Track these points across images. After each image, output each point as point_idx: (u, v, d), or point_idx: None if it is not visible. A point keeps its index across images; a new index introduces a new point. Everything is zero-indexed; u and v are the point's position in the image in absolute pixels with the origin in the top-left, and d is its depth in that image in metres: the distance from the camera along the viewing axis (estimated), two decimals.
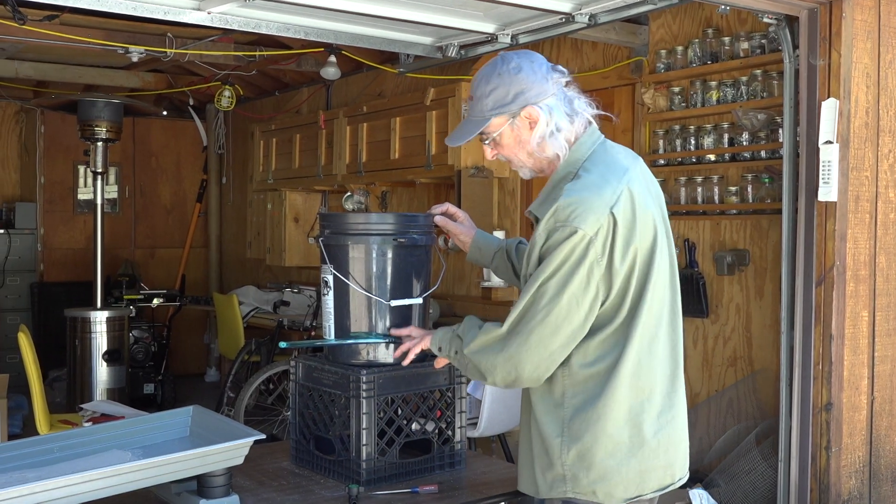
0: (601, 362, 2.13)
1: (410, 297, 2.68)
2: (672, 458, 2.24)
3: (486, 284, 6.05)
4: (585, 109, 2.24)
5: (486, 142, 2.27)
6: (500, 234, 5.90)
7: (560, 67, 2.24)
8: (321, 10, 4.19)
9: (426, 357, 2.81)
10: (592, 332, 2.13)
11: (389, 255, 2.66)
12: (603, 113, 2.28)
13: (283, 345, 2.64)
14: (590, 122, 2.25)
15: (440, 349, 2.38)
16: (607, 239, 2.08)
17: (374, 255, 2.65)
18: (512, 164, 2.31)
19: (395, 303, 2.64)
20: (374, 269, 2.65)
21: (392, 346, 2.68)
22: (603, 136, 2.28)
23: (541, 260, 2.11)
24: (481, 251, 2.66)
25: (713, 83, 4.79)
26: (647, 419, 2.16)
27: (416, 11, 4.28)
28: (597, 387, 2.13)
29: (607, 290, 2.11)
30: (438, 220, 2.66)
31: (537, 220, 2.17)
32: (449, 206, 2.70)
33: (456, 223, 2.67)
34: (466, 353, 2.25)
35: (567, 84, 2.24)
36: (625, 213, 2.11)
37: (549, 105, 2.19)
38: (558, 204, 2.07)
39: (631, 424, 2.15)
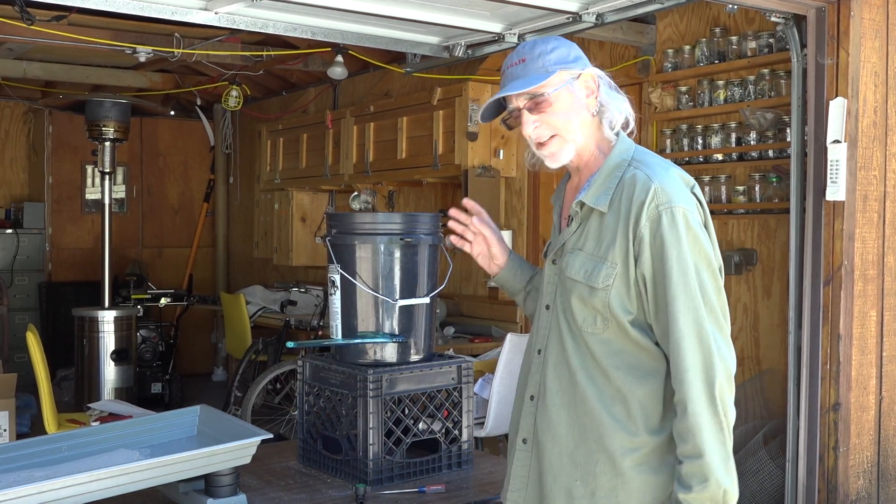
0: None
1: (417, 296, 2.68)
2: None
3: (492, 284, 6.05)
4: (626, 104, 2.09)
5: (545, 96, 2.01)
6: (506, 235, 5.90)
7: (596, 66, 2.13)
8: (328, 10, 4.20)
9: (432, 356, 2.81)
10: None
11: (396, 254, 2.66)
12: (636, 114, 2.14)
13: (290, 344, 2.65)
14: (626, 118, 2.09)
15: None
16: (701, 218, 1.99)
17: (381, 254, 2.65)
18: (557, 136, 2.04)
19: (401, 302, 2.65)
20: (381, 269, 2.65)
21: (398, 345, 2.68)
22: None
23: (653, 258, 1.92)
24: (517, 273, 2.32)
25: (720, 82, 4.78)
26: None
27: (422, 11, 4.29)
28: None
29: None
30: (476, 222, 2.27)
31: (582, 210, 2.03)
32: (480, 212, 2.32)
33: (492, 232, 2.30)
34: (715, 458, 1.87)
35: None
36: (700, 196, 2.04)
37: (602, 78, 2.05)
38: (655, 187, 1.92)
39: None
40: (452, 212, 2.30)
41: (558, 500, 2.02)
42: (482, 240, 2.28)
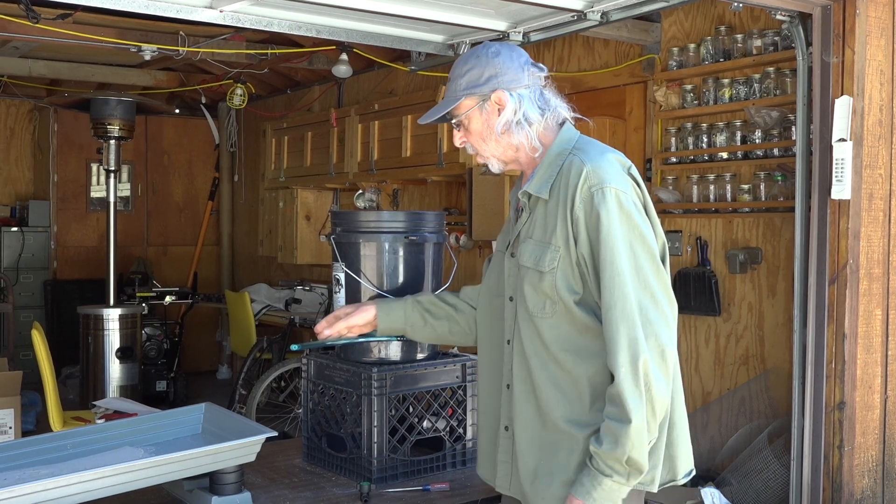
0: None
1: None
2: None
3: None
4: (561, 107, 2.18)
5: (455, 121, 2.20)
6: None
7: (541, 65, 2.19)
8: (333, 8, 4.19)
9: (437, 355, 2.81)
10: None
11: (401, 252, 2.66)
12: (579, 117, 2.22)
13: (294, 347, 2.63)
14: (565, 121, 2.18)
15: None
16: (637, 199, 2.05)
17: (386, 252, 2.65)
18: (480, 154, 2.22)
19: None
20: (386, 267, 2.65)
21: (403, 344, 2.68)
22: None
23: (590, 237, 2.00)
24: (390, 312, 2.43)
25: (726, 81, 4.77)
26: (682, 400, 2.16)
27: (427, 9, 4.28)
28: None
29: None
30: (332, 322, 2.44)
31: (529, 201, 2.13)
32: (331, 316, 2.48)
33: (347, 314, 2.46)
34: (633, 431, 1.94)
35: (545, 82, 2.19)
36: (638, 177, 2.10)
37: (520, 94, 2.13)
38: (586, 169, 2.02)
39: (677, 402, 2.13)
40: (323, 336, 2.48)
41: (526, 481, 2.12)
42: (345, 325, 2.44)
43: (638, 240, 2.00)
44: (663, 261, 2.08)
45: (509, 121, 2.13)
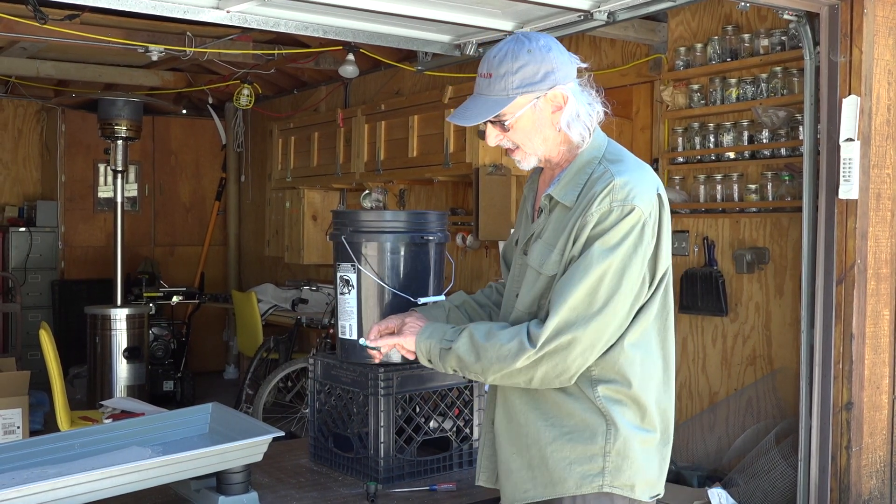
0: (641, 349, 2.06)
1: (426, 294, 2.68)
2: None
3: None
4: (597, 100, 2.13)
5: (506, 121, 2.07)
6: None
7: (579, 57, 2.14)
8: (339, 9, 4.20)
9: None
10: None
11: (402, 252, 2.65)
12: (609, 113, 2.16)
13: (362, 342, 2.56)
14: (600, 115, 2.14)
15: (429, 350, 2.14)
16: (655, 222, 2.03)
17: (388, 252, 2.65)
18: (520, 149, 2.12)
19: (422, 300, 2.63)
20: (388, 267, 2.65)
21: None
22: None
23: (588, 238, 1.98)
24: (435, 320, 2.39)
25: (733, 80, 4.76)
26: (671, 415, 2.13)
27: (434, 9, 4.28)
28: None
29: (651, 276, 2.04)
30: (384, 346, 2.32)
31: (550, 203, 2.09)
32: (384, 325, 2.36)
33: (397, 330, 2.35)
34: (483, 346, 2.03)
35: (587, 76, 2.13)
36: (664, 197, 2.07)
37: (572, 89, 2.07)
38: (614, 182, 1.97)
39: (661, 417, 2.09)
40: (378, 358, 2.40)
41: (503, 475, 2.17)
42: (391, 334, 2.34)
43: (636, 267, 1.98)
44: (660, 283, 2.06)
45: (570, 117, 2.06)
